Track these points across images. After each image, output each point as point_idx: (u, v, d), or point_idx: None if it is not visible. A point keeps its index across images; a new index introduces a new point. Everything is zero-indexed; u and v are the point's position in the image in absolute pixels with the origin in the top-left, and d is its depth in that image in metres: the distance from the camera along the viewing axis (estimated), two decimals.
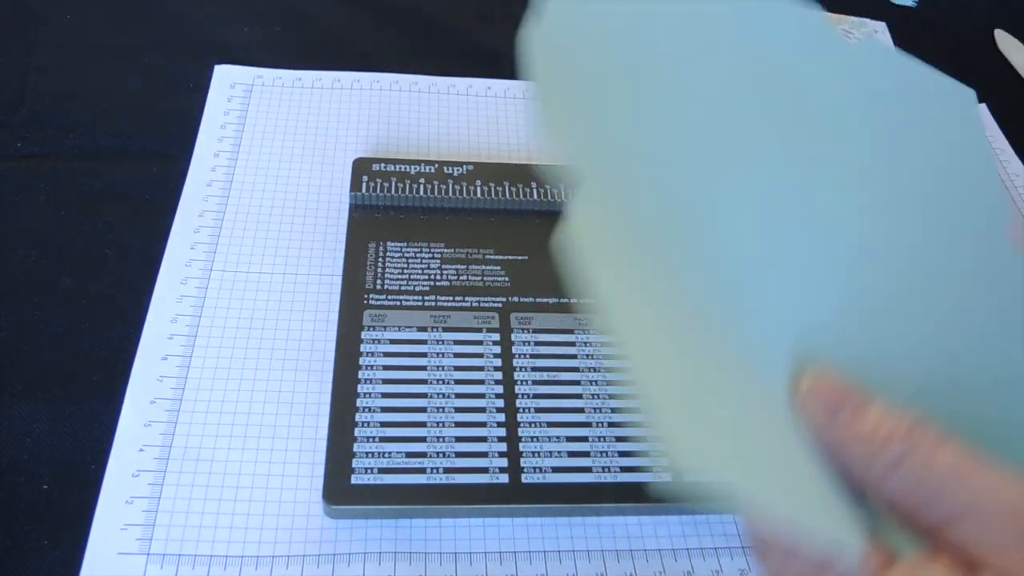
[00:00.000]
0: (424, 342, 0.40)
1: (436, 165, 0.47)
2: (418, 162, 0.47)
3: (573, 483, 0.37)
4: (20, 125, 0.49)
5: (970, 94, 0.26)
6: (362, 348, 0.40)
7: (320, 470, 0.36)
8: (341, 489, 0.35)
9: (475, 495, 0.36)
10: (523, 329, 0.41)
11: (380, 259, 0.43)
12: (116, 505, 0.35)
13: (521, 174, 0.48)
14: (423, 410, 0.38)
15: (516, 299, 0.42)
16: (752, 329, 0.23)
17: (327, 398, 0.38)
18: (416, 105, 0.54)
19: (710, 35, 0.25)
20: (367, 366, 0.39)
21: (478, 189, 0.46)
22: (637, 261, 0.23)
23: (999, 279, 0.24)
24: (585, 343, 0.41)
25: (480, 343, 0.41)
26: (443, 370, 0.39)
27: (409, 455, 0.36)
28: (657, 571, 0.36)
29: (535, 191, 0.47)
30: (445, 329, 0.41)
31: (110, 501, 0.35)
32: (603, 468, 0.37)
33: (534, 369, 0.40)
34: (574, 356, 0.41)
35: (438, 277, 0.43)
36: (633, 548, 0.36)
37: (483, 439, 0.37)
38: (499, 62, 0.58)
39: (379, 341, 0.40)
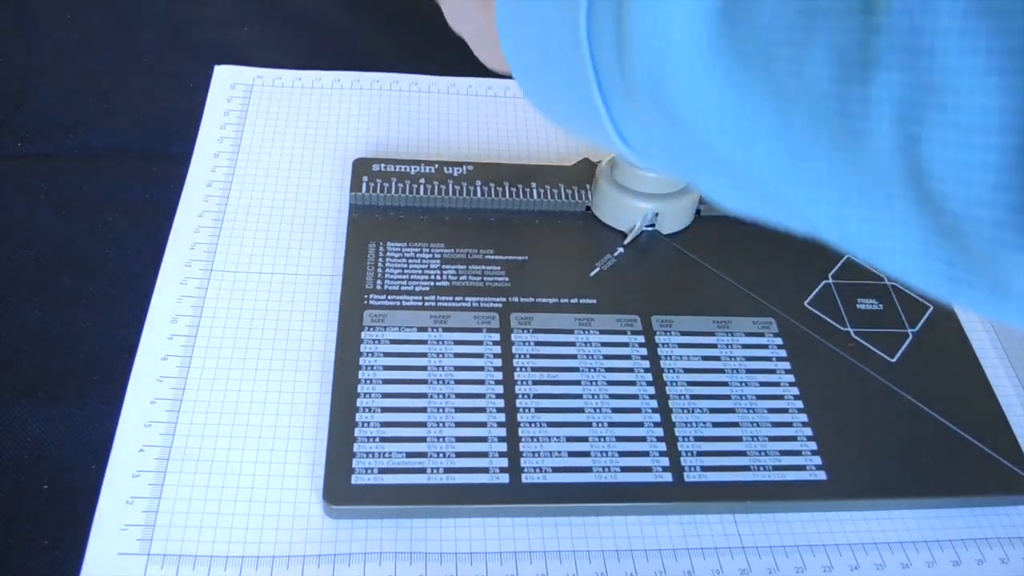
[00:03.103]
0: (424, 342, 0.40)
1: (436, 165, 0.47)
2: (418, 162, 0.47)
3: (573, 483, 0.37)
4: (20, 125, 0.49)
5: None
6: (362, 348, 0.40)
7: (320, 470, 0.36)
8: (341, 489, 0.35)
9: (475, 495, 0.36)
10: (523, 329, 0.41)
11: (380, 259, 0.43)
12: (116, 505, 0.35)
13: (521, 174, 0.48)
14: (423, 410, 0.38)
15: (516, 299, 0.43)
16: None
17: (327, 398, 0.38)
18: (416, 105, 0.54)
19: None
20: (367, 366, 0.39)
21: (478, 189, 0.46)
22: None
23: None
24: (585, 343, 0.41)
25: (480, 343, 0.41)
26: (443, 370, 0.39)
27: (409, 455, 0.36)
28: (657, 571, 0.36)
29: (535, 191, 0.47)
30: (445, 329, 0.41)
31: (110, 501, 0.35)
32: (603, 468, 0.37)
33: (534, 369, 0.40)
34: (574, 356, 0.41)
35: (438, 277, 0.43)
36: (633, 548, 0.36)
37: (483, 439, 0.37)
38: None
39: (379, 341, 0.40)
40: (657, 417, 0.39)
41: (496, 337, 0.41)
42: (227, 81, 0.53)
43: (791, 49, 0.18)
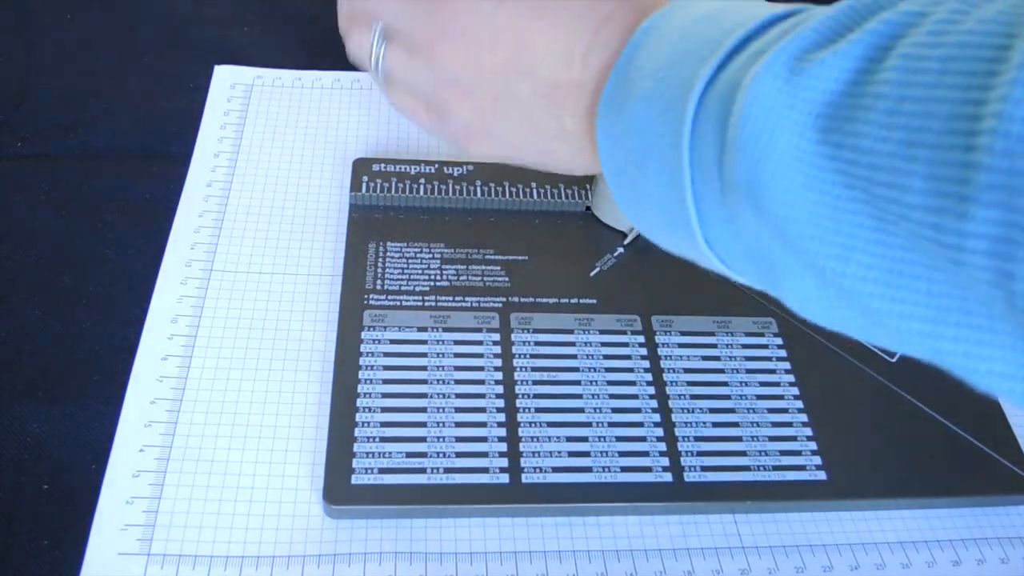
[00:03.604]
0: (424, 342, 0.40)
1: (436, 165, 0.47)
2: (418, 162, 0.47)
3: (573, 483, 0.37)
4: (20, 125, 0.49)
5: None
6: (362, 348, 0.40)
7: (320, 470, 0.36)
8: (341, 489, 0.35)
9: (475, 495, 0.36)
10: (523, 329, 0.41)
11: (380, 259, 0.43)
12: (116, 505, 0.35)
13: (521, 174, 0.48)
14: (423, 410, 0.38)
15: (516, 299, 0.42)
16: None
17: (327, 398, 0.38)
18: None
19: None
20: (367, 366, 0.39)
21: (478, 189, 0.46)
22: None
23: None
24: (585, 343, 0.41)
25: (480, 343, 0.41)
26: (443, 370, 0.39)
27: (409, 455, 0.36)
28: (657, 571, 0.36)
29: (535, 191, 0.47)
30: (445, 329, 0.41)
31: (110, 501, 0.35)
32: (603, 468, 0.37)
33: (534, 369, 0.40)
34: (574, 356, 0.41)
35: (438, 277, 0.43)
36: (633, 548, 0.36)
37: (483, 439, 0.37)
38: None
39: (379, 341, 0.40)
40: (657, 417, 0.39)
41: (496, 337, 0.41)
42: (227, 81, 0.53)
43: (892, 176, 0.19)
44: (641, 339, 0.42)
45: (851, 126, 0.20)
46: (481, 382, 0.39)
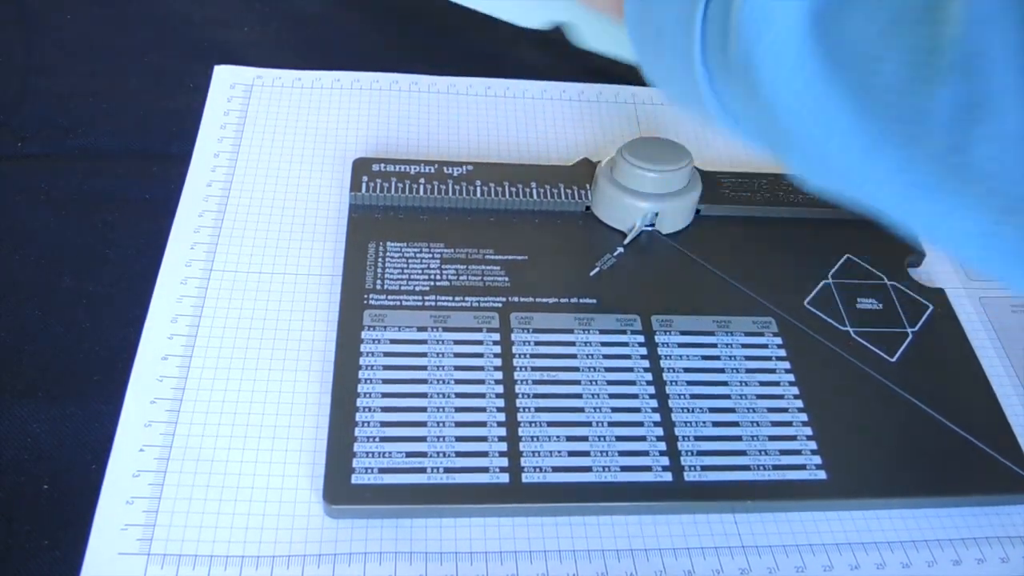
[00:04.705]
0: (424, 342, 0.40)
1: (436, 165, 0.47)
2: (418, 162, 0.47)
3: (573, 483, 0.37)
4: (20, 125, 0.49)
5: None
6: (362, 348, 0.40)
7: (320, 470, 0.36)
8: (341, 489, 0.35)
9: (475, 495, 0.36)
10: (523, 329, 0.41)
11: (380, 259, 0.43)
12: (116, 505, 0.35)
13: (521, 174, 0.48)
14: (423, 410, 0.38)
15: (516, 299, 0.43)
16: None
17: (327, 398, 0.38)
18: (416, 105, 0.54)
19: None
20: (367, 366, 0.39)
21: (478, 189, 0.46)
22: None
23: None
24: (585, 343, 0.41)
25: (480, 343, 0.41)
26: (443, 370, 0.39)
27: (409, 455, 0.36)
28: (657, 571, 0.36)
29: (534, 191, 0.47)
30: (445, 329, 0.41)
31: (110, 501, 0.35)
32: (603, 468, 0.37)
33: (534, 369, 0.40)
34: (574, 356, 0.41)
35: (438, 277, 0.43)
36: (633, 548, 0.36)
37: (483, 439, 0.37)
38: (499, 62, 0.58)
39: (379, 341, 0.40)
40: (657, 417, 0.39)
41: (496, 337, 0.41)
42: (227, 81, 0.53)
43: (869, 61, 0.22)
44: (641, 339, 0.42)
45: (841, 14, 0.23)
46: (481, 382, 0.39)
